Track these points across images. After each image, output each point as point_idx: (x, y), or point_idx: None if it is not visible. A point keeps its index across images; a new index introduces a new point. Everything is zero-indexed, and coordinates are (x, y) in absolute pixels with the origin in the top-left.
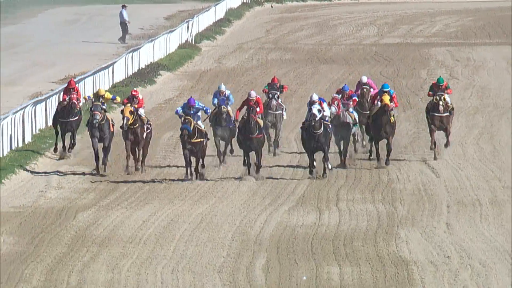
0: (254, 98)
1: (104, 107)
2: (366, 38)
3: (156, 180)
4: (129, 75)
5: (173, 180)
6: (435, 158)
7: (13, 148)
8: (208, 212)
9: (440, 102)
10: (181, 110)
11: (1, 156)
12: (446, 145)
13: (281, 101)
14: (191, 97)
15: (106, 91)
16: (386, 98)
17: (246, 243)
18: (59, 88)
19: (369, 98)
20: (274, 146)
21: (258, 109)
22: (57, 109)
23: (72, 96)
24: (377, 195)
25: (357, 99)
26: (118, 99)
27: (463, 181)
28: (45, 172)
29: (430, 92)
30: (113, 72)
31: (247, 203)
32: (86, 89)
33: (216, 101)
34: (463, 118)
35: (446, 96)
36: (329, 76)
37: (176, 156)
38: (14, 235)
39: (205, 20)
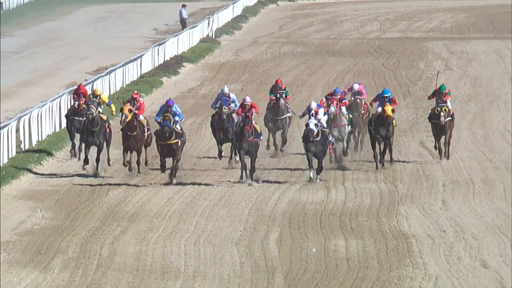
0: (249, 103)
1: (100, 108)
2: (370, 33)
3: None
4: (155, 66)
5: (199, 157)
6: (441, 158)
7: (51, 132)
8: (227, 190)
9: (442, 113)
10: (159, 116)
11: (42, 139)
12: (447, 156)
13: (287, 103)
14: (169, 98)
15: (102, 92)
16: (389, 109)
17: (261, 218)
18: (93, 78)
19: (362, 110)
20: (280, 145)
21: (253, 112)
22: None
23: (81, 103)
24: (379, 175)
25: (347, 102)
26: (113, 107)
27: (458, 162)
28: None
29: (431, 96)
30: (141, 64)
31: (263, 183)
32: (116, 79)
33: (214, 106)
34: (457, 105)
35: (449, 104)
36: (336, 67)
37: (198, 140)
38: (52, 211)
39: (224, 16)
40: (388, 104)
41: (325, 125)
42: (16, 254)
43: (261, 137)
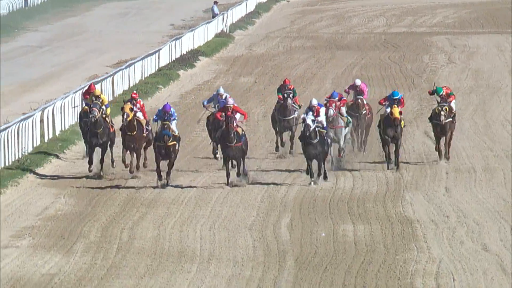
0: (231, 105)
1: (102, 108)
2: (377, 28)
3: (194, 152)
4: (172, 60)
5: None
6: (440, 159)
7: (73, 122)
8: (241, 177)
9: (442, 113)
10: (157, 118)
11: (65, 129)
12: (447, 157)
13: (293, 103)
14: (167, 103)
15: (101, 93)
16: (396, 112)
17: (273, 204)
18: (113, 71)
19: (364, 110)
20: (290, 148)
21: (238, 116)
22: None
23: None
24: (385, 164)
25: (346, 100)
26: (108, 110)
27: (460, 151)
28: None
29: (430, 91)
30: (158, 58)
31: (275, 171)
32: (135, 72)
33: (205, 103)
34: (460, 97)
35: (452, 104)
36: (344, 61)
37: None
38: (74, 198)
39: (238, 12)
40: (395, 106)
41: (324, 125)
42: (41, 239)
43: (243, 138)
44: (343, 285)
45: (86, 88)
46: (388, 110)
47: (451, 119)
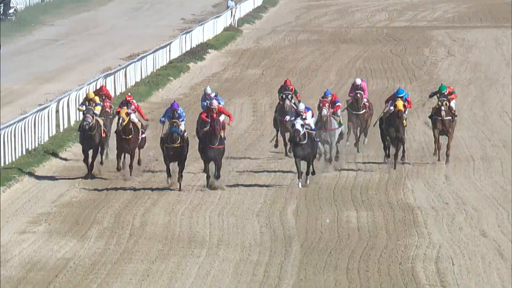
0: (216, 107)
1: (96, 112)
2: (379, 22)
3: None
4: (183, 53)
5: None
6: (439, 159)
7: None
8: (248, 166)
9: (442, 107)
10: (164, 118)
11: (79, 119)
12: (446, 160)
13: (294, 102)
14: (174, 101)
15: (95, 95)
16: (400, 104)
17: (280, 191)
18: (126, 64)
19: (363, 109)
20: (288, 150)
21: (223, 117)
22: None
23: (105, 104)
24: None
25: (340, 105)
26: (98, 108)
27: (459, 141)
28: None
29: (430, 97)
30: (169, 51)
31: (281, 159)
32: (147, 64)
33: (205, 104)
34: (459, 88)
35: (452, 103)
36: (348, 54)
37: None
38: (89, 185)
39: (245, 7)
40: (400, 99)
41: (313, 127)
42: (56, 225)
43: (224, 141)
44: (347, 269)
45: (98, 89)
46: (392, 108)
47: (450, 117)
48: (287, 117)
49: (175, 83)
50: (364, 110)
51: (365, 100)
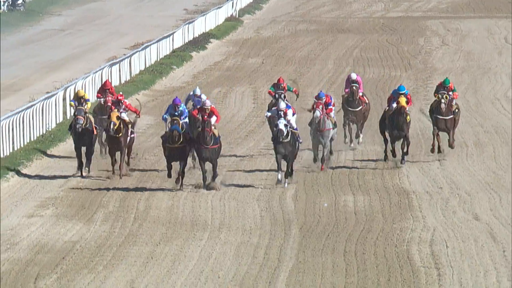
0: (209, 107)
1: (87, 111)
2: (375, 13)
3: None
4: (185, 42)
5: (222, 125)
6: (439, 153)
7: (93, 100)
8: (248, 152)
9: (442, 100)
10: (166, 115)
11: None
12: (451, 145)
13: (287, 101)
14: (176, 97)
15: (85, 93)
16: (403, 100)
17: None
18: (130, 53)
19: (358, 96)
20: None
21: (214, 119)
22: (94, 110)
23: (108, 99)
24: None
25: (333, 109)
26: (89, 105)
27: None
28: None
29: (436, 94)
30: (173, 40)
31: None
32: (151, 54)
33: (184, 106)
34: (452, 76)
35: (454, 101)
36: (345, 43)
37: (223, 107)
38: (94, 170)
39: None
40: (402, 96)
41: (294, 126)
42: (63, 208)
43: (218, 140)
44: (344, 251)
45: (102, 85)
46: (394, 105)
47: (452, 115)
48: (268, 113)
49: (178, 72)
50: (360, 107)
51: (360, 94)
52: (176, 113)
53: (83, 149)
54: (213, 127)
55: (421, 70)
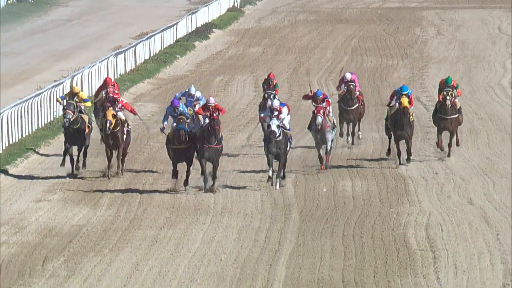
0: (213, 105)
1: (79, 105)
2: (373, 3)
3: None
4: (189, 32)
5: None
6: (448, 155)
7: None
8: (249, 139)
9: (448, 97)
10: (166, 120)
11: (92, 94)
12: (457, 143)
13: (278, 99)
14: (174, 98)
15: (81, 90)
16: (405, 101)
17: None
18: (135, 43)
19: (355, 95)
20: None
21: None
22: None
23: (109, 90)
24: (381, 125)
25: (330, 101)
26: (89, 104)
27: None
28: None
29: (439, 94)
30: (176, 30)
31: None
32: (155, 43)
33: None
34: (448, 65)
35: (457, 99)
36: (344, 33)
37: (225, 95)
38: (101, 156)
39: None
40: (404, 96)
41: (287, 127)
42: (70, 193)
43: (221, 140)
44: (343, 235)
45: (103, 82)
46: (397, 104)
47: (456, 114)
48: (262, 114)
49: (181, 61)
50: (357, 104)
51: (357, 93)
52: (176, 115)
53: (79, 149)
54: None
55: (417, 59)
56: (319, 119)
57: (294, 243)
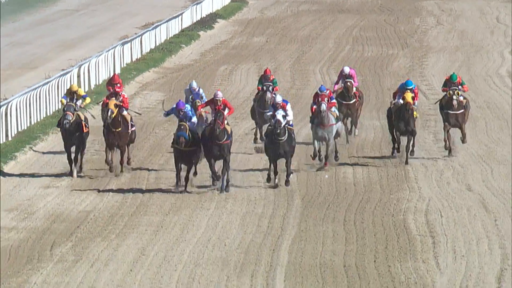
0: (221, 99)
1: (78, 104)
2: None
3: None
4: (193, 22)
5: None
6: (450, 153)
7: (106, 77)
8: (253, 127)
9: (454, 97)
10: (166, 113)
11: (99, 83)
12: (463, 141)
13: (275, 94)
14: (179, 100)
15: (79, 87)
16: (409, 96)
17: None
18: (141, 32)
19: (352, 92)
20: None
21: (226, 111)
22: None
23: (112, 88)
24: (382, 113)
25: (335, 102)
26: (88, 100)
27: None
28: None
29: (445, 88)
30: (181, 20)
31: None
32: (161, 33)
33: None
34: (447, 54)
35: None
36: (345, 23)
37: (229, 84)
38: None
39: None
40: (408, 91)
41: (291, 123)
42: (78, 180)
43: (230, 137)
44: (344, 221)
45: (110, 79)
46: (401, 101)
47: (463, 109)
48: (269, 112)
49: (186, 50)
50: (354, 100)
51: (354, 89)
52: (180, 117)
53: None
54: (225, 122)
55: (417, 48)
56: (323, 106)
57: (296, 229)
